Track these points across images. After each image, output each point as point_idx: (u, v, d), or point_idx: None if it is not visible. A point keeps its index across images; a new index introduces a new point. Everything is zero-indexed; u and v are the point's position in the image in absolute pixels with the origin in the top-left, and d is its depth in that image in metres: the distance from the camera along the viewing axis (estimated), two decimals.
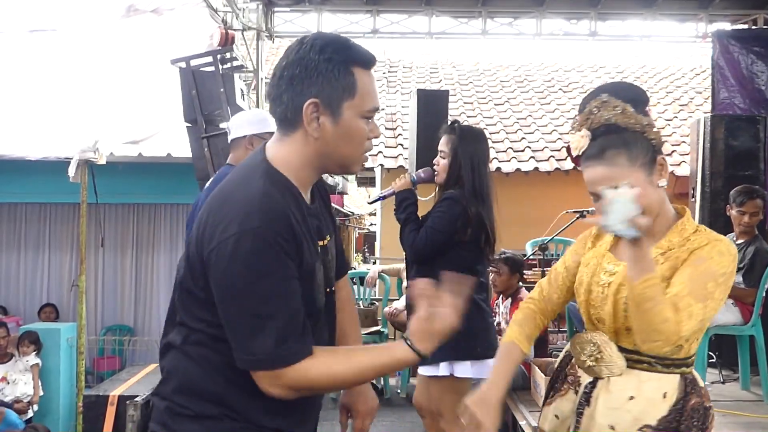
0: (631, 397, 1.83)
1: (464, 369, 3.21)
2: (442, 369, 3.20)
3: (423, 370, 3.35)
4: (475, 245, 3.25)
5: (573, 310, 5.46)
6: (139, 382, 5.08)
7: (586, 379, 1.92)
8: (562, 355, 2.10)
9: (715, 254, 1.78)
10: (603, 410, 1.85)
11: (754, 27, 7.55)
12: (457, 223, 3.18)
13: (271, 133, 2.99)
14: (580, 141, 1.86)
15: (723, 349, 5.02)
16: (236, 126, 3.47)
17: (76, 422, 5.42)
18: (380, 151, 9.22)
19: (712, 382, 4.67)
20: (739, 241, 4.64)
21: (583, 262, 2.00)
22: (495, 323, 3.84)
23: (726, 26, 7.74)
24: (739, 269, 4.57)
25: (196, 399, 1.52)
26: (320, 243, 1.60)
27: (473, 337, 3.12)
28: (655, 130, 1.85)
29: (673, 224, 1.86)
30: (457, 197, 3.21)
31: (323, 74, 1.45)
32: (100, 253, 7.22)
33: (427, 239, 3.19)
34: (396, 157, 9.08)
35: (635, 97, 1.89)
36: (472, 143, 3.30)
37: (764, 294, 4.41)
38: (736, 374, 4.87)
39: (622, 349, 1.86)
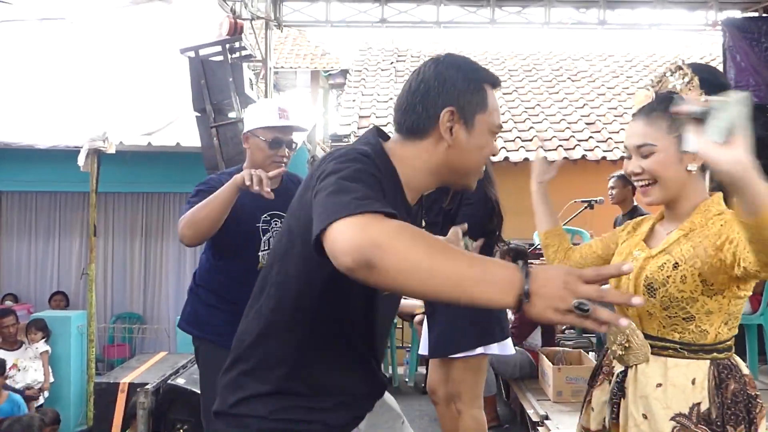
0: (659, 385, 1.79)
1: (492, 348, 3.33)
2: (477, 350, 3.29)
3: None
4: (494, 233, 3.32)
5: None
6: (149, 370, 5.10)
7: (618, 368, 1.89)
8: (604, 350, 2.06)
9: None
10: (633, 399, 1.82)
11: (764, 15, 7.48)
12: (488, 210, 3.26)
13: (265, 129, 2.76)
14: (643, 100, 1.90)
15: None
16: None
17: (86, 409, 5.47)
18: None
19: None
20: None
21: (617, 251, 2.02)
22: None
23: (736, 14, 7.67)
24: None
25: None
26: None
27: (499, 321, 3.33)
28: None
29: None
30: (479, 187, 3.24)
31: (460, 88, 1.52)
32: (110, 241, 7.26)
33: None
34: None
35: (713, 81, 1.84)
36: None
37: None
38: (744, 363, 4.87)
39: (647, 336, 1.83)
